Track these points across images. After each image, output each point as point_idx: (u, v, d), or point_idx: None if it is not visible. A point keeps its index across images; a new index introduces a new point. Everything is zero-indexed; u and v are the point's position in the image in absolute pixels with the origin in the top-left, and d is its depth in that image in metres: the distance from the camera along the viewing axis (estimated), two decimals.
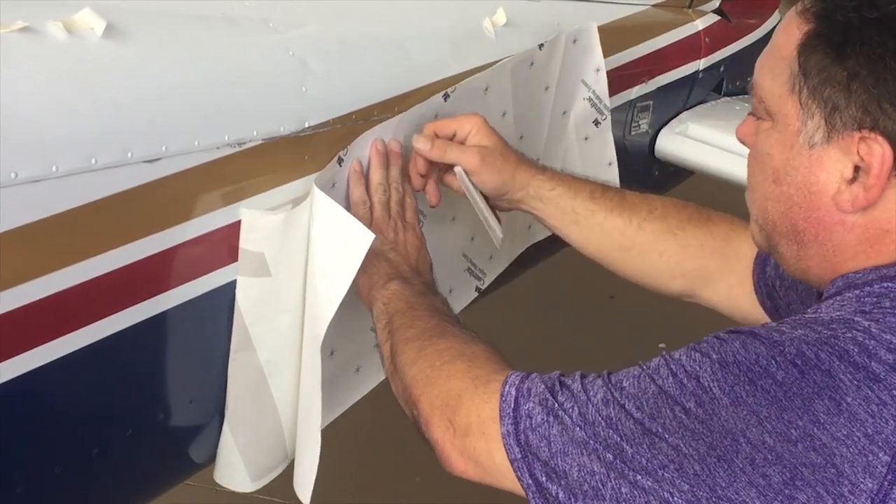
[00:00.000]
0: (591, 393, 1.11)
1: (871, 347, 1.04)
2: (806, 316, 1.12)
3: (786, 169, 1.16)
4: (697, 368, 1.06)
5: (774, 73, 1.16)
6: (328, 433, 1.48)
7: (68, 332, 1.21)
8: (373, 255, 1.43)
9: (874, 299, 1.10)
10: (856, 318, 1.07)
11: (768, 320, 1.42)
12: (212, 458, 1.51)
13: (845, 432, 1.01)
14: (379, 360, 1.42)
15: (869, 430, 1.01)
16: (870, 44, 1.09)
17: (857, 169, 1.11)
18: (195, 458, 1.51)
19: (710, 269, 1.57)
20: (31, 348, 1.17)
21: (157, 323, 1.32)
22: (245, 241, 1.39)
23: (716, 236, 1.58)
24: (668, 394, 1.06)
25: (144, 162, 1.23)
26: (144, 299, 1.29)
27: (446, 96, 1.63)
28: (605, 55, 2.02)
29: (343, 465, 2.33)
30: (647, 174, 2.59)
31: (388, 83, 1.59)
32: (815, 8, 1.14)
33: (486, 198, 1.62)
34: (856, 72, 1.09)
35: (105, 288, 1.23)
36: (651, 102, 2.45)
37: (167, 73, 1.31)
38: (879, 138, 1.09)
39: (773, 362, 1.04)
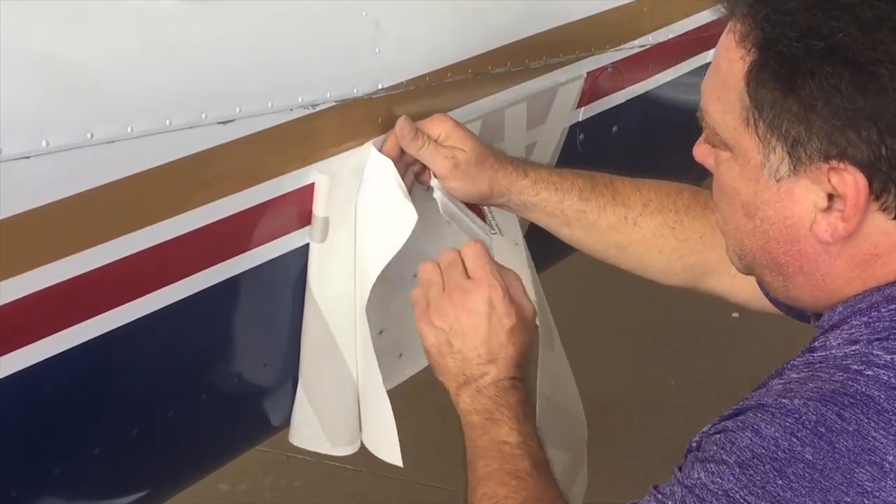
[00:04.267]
0: None
1: None
2: (814, 355, 1.04)
3: (755, 203, 1.08)
4: (721, 482, 0.98)
5: (724, 105, 1.08)
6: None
7: (141, 296, 1.21)
8: (437, 345, 1.32)
9: (887, 324, 1.02)
10: (874, 352, 0.99)
11: (772, 308, 1.33)
12: (286, 422, 1.51)
13: None
14: (420, 348, 1.36)
15: None
16: (821, 74, 0.99)
17: (830, 197, 1.03)
18: (269, 422, 1.51)
19: (711, 261, 1.48)
20: (107, 310, 1.17)
21: (229, 286, 1.31)
22: (316, 207, 1.38)
23: (715, 226, 1.43)
24: None
25: (218, 123, 1.23)
26: (217, 262, 1.29)
27: None
28: None
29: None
30: None
31: (462, 44, 1.56)
32: (753, 36, 1.04)
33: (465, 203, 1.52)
34: (811, 104, 1.00)
35: (178, 251, 1.22)
36: None
37: (241, 35, 1.30)
38: (850, 167, 1.00)
39: (796, 440, 0.96)
